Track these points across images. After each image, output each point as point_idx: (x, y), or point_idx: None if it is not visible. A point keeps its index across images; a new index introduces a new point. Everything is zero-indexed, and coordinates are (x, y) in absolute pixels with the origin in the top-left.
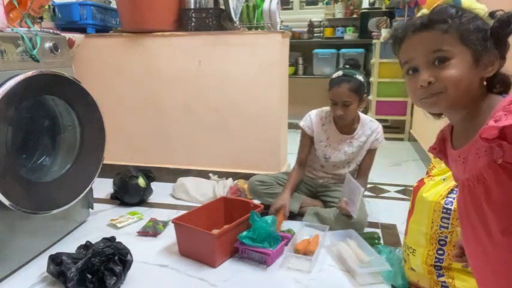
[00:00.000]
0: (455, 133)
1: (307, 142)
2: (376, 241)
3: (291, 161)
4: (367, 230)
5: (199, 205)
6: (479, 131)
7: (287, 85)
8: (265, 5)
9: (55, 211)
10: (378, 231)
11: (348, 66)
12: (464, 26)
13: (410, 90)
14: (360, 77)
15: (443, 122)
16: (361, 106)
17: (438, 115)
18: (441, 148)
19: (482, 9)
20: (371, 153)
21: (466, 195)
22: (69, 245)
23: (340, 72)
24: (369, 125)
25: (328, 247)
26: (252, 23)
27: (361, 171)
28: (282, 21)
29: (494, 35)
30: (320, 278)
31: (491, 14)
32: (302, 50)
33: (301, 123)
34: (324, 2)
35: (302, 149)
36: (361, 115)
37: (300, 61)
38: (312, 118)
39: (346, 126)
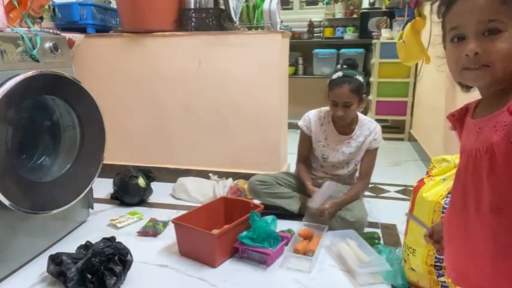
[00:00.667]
0: (480, 106)
1: (307, 142)
2: (376, 241)
3: (291, 161)
4: (367, 230)
5: (199, 205)
6: (508, 106)
7: (287, 85)
8: (265, 5)
9: (55, 211)
10: (378, 231)
11: (345, 66)
12: None
13: (451, 59)
14: (360, 77)
15: (443, 123)
16: (360, 106)
17: (469, 87)
18: (460, 116)
19: None
20: (370, 153)
21: (470, 164)
22: (69, 245)
23: (340, 73)
24: (368, 125)
25: (328, 247)
26: (252, 23)
27: (361, 173)
28: (282, 21)
29: None
30: (320, 278)
31: None
32: (302, 50)
33: (300, 123)
34: (324, 2)
35: (302, 147)
36: (360, 115)
37: (300, 61)
38: (310, 118)
39: (344, 127)
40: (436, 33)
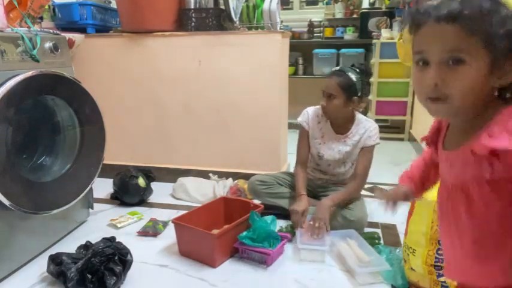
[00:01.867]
0: (449, 132)
1: (306, 139)
2: (376, 241)
3: (291, 160)
4: (367, 230)
5: (199, 205)
6: (471, 143)
7: (287, 85)
8: (265, 5)
9: (55, 211)
10: (378, 231)
11: (353, 66)
12: (494, 28)
13: (416, 82)
14: (353, 77)
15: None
16: (350, 106)
17: None
18: (433, 139)
19: None
20: (364, 152)
21: (449, 197)
22: (69, 245)
23: (337, 68)
24: (364, 124)
25: (328, 247)
26: (252, 23)
27: (355, 171)
28: (282, 21)
29: None
30: (320, 278)
31: None
32: (302, 50)
33: (299, 119)
34: (324, 2)
35: (301, 147)
36: (358, 115)
37: (300, 61)
38: (309, 113)
39: (341, 126)
40: None
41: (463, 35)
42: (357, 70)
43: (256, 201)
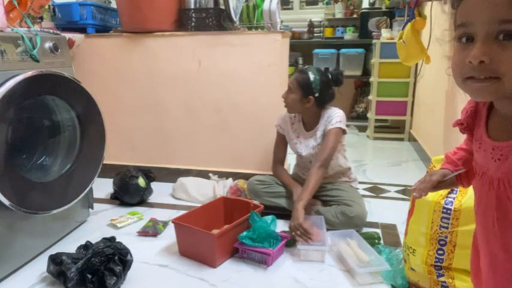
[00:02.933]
0: (496, 119)
1: (281, 141)
2: (376, 241)
3: (291, 161)
4: (367, 230)
5: (199, 205)
6: None
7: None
8: (265, 5)
9: (55, 211)
10: (378, 231)
11: (327, 69)
12: None
13: (455, 62)
14: (312, 76)
15: (443, 122)
16: (305, 103)
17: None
18: (469, 124)
19: None
20: (325, 136)
21: (492, 197)
22: (69, 245)
23: (305, 66)
24: (328, 113)
25: (328, 247)
26: (252, 23)
27: (316, 156)
28: (282, 21)
29: None
30: (320, 277)
31: None
32: (302, 50)
33: (275, 123)
34: (324, 2)
35: (277, 149)
36: (326, 110)
37: (300, 61)
38: (283, 117)
39: (310, 124)
40: (443, 28)
41: None
42: (323, 73)
43: (256, 202)
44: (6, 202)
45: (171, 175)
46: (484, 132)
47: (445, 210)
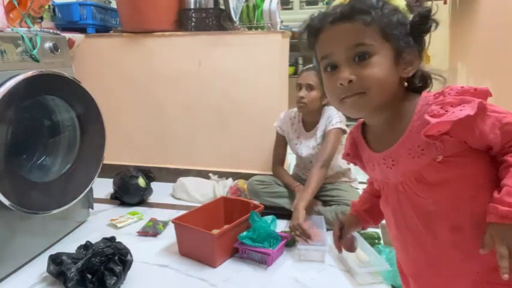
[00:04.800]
0: (373, 136)
1: (281, 142)
2: (376, 241)
3: (290, 161)
4: (367, 229)
5: (199, 205)
6: (422, 130)
7: (287, 85)
8: (265, 5)
9: (55, 211)
10: (378, 231)
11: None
12: (387, 18)
13: (329, 89)
14: None
15: None
16: (324, 100)
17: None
18: (354, 153)
19: (401, 0)
20: (325, 136)
21: (403, 200)
22: (69, 245)
23: (310, 65)
24: (328, 112)
25: (328, 247)
26: (252, 23)
27: (317, 157)
28: (282, 21)
29: (414, 31)
30: (320, 277)
31: (410, 8)
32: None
33: (274, 124)
34: (324, 2)
35: (277, 150)
36: (325, 109)
37: (300, 61)
38: (281, 118)
39: (310, 124)
40: (443, 27)
41: (361, 27)
42: None
43: (256, 202)
44: (6, 202)
45: (171, 175)
46: (368, 150)
47: None
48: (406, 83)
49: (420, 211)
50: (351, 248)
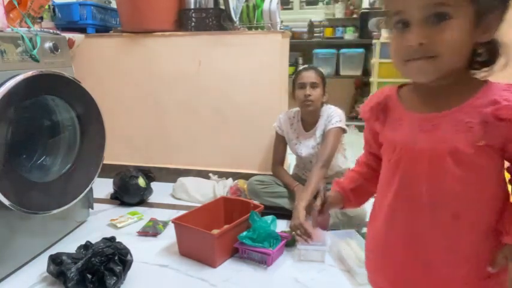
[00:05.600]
0: (416, 95)
1: (281, 142)
2: None
3: (290, 161)
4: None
5: (199, 205)
6: (483, 108)
7: (287, 85)
8: (265, 5)
9: (55, 211)
10: None
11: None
12: None
13: (394, 48)
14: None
15: None
16: (324, 97)
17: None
18: (383, 107)
19: None
20: (325, 136)
21: (421, 168)
22: (69, 245)
23: (306, 65)
24: (327, 112)
25: (328, 247)
26: (252, 23)
27: (317, 156)
28: (282, 21)
29: None
30: (320, 277)
31: None
32: (302, 50)
33: (274, 125)
34: (324, 2)
35: (276, 150)
36: (324, 108)
37: (300, 61)
38: (281, 118)
39: (309, 124)
40: None
41: None
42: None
43: (256, 202)
44: (6, 202)
45: (171, 175)
46: (401, 108)
47: None
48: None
49: (434, 185)
50: (325, 226)
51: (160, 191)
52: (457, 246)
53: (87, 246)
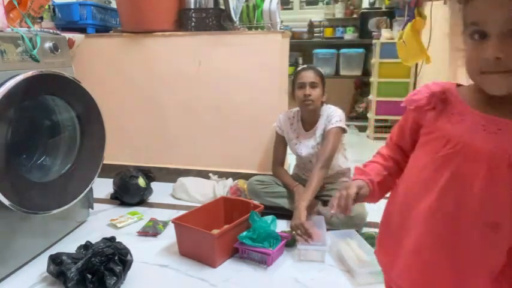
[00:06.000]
0: (476, 96)
1: (281, 142)
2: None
3: (290, 161)
4: (367, 230)
5: (199, 205)
6: None
7: (287, 85)
8: (265, 5)
9: (55, 211)
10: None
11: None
12: None
13: (470, 58)
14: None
15: None
16: (324, 97)
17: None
18: (441, 99)
19: None
20: (326, 135)
21: (481, 167)
22: (69, 245)
23: (305, 65)
24: (327, 111)
25: (328, 247)
26: (252, 23)
27: (317, 156)
28: (282, 21)
29: None
30: (320, 278)
31: None
32: (302, 50)
33: (274, 125)
34: (324, 2)
35: (277, 151)
36: (324, 108)
37: (300, 61)
38: (281, 118)
39: (309, 123)
40: (444, 28)
41: None
42: None
43: (256, 202)
44: (6, 202)
45: (171, 175)
46: (464, 104)
47: None
48: None
49: (486, 190)
50: (348, 211)
51: (160, 191)
52: (487, 258)
53: (87, 246)
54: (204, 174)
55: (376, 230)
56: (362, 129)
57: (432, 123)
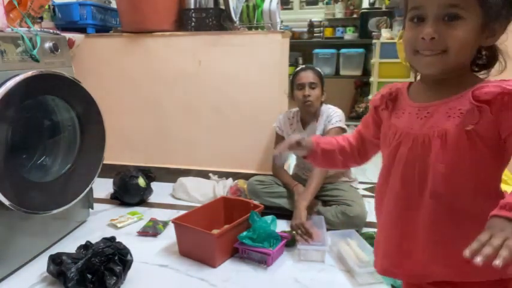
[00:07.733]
0: (417, 90)
1: (281, 143)
2: None
3: (290, 161)
4: (367, 230)
5: (199, 205)
6: (471, 90)
7: (287, 85)
8: (265, 5)
9: (55, 211)
10: None
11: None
12: None
13: (408, 39)
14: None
15: None
16: (323, 97)
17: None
18: (394, 96)
19: None
20: (326, 135)
21: (416, 148)
22: (69, 245)
23: (303, 66)
24: (327, 112)
25: (328, 247)
26: (252, 23)
27: None
28: (282, 21)
29: (510, 2)
30: (320, 278)
31: None
32: (302, 50)
33: (274, 125)
34: (324, 2)
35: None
36: (323, 108)
37: (300, 61)
38: (280, 119)
39: (309, 122)
40: None
41: None
42: None
43: (256, 202)
44: (6, 202)
45: (171, 175)
46: (407, 99)
47: None
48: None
49: (423, 165)
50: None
51: (160, 191)
52: (436, 226)
53: (87, 246)
54: (204, 174)
55: (376, 230)
56: None
57: (387, 120)
